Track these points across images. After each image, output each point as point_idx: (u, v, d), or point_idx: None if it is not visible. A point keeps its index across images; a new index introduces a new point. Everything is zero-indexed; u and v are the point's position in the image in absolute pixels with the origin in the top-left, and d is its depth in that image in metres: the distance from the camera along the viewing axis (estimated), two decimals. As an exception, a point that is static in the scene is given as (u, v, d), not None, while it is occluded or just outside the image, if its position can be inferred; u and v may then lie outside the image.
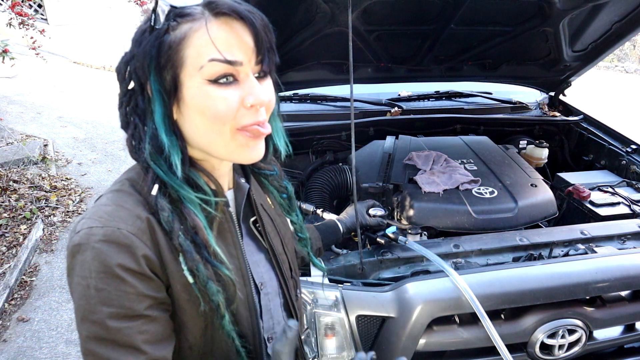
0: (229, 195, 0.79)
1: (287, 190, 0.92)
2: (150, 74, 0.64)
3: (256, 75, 0.67)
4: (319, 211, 1.63)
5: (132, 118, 0.67)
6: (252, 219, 0.84)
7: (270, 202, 0.90)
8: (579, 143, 2.49)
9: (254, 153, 0.69)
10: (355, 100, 2.39)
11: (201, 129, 0.66)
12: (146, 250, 0.63)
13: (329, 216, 1.55)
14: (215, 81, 0.63)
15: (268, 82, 0.69)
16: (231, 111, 0.64)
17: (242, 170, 0.85)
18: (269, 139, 0.78)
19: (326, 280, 1.32)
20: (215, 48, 0.62)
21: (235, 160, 0.70)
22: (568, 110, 2.64)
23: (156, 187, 0.66)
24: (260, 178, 0.89)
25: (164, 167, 0.66)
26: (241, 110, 0.65)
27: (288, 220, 0.94)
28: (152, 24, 0.63)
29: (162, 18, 0.63)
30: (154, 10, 0.63)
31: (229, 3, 0.63)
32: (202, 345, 0.71)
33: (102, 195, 0.70)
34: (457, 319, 1.32)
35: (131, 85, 0.67)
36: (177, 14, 0.62)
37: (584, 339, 1.34)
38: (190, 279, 0.66)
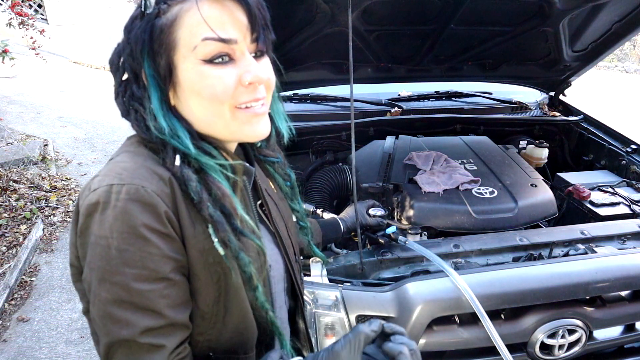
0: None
1: (290, 179, 0.92)
2: (143, 60, 0.63)
3: (253, 54, 0.66)
4: (319, 211, 1.63)
5: (130, 106, 0.67)
6: (258, 203, 0.83)
7: (273, 187, 0.90)
8: (579, 143, 2.49)
9: (259, 129, 0.69)
10: (355, 100, 2.39)
11: (200, 112, 0.65)
12: (168, 209, 0.61)
13: (329, 216, 1.55)
14: (210, 61, 0.62)
15: (266, 61, 0.68)
16: (229, 89, 0.63)
17: (246, 156, 0.84)
18: (271, 123, 0.77)
19: (326, 279, 1.32)
20: (208, 26, 0.60)
21: (240, 139, 0.70)
22: (568, 110, 2.64)
23: (178, 157, 0.64)
24: (265, 165, 0.88)
25: (182, 145, 0.65)
26: (239, 89, 0.64)
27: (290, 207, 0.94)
28: (143, 9, 0.62)
29: (152, 2, 0.62)
30: None
31: None
32: (215, 314, 0.69)
33: (112, 157, 0.67)
34: (457, 319, 1.32)
35: (125, 75, 0.67)
36: None
37: (584, 339, 1.34)
38: (222, 251, 0.64)
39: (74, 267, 0.68)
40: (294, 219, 0.95)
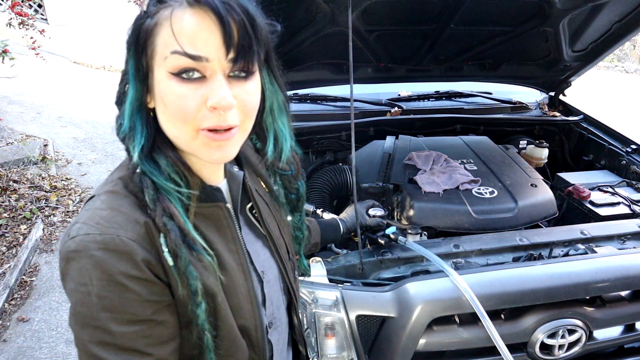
0: (223, 185, 0.77)
1: (297, 192, 0.90)
2: (129, 56, 0.63)
3: (233, 74, 0.62)
4: (319, 211, 1.63)
5: (123, 98, 0.66)
6: (248, 206, 0.82)
7: (264, 186, 0.88)
8: (579, 143, 2.49)
9: (219, 154, 0.65)
10: (355, 100, 2.39)
11: (166, 123, 0.64)
12: (146, 255, 0.61)
13: (328, 216, 1.55)
14: (177, 75, 0.59)
15: (250, 84, 0.64)
16: (190, 110, 0.60)
17: (236, 159, 0.82)
18: (276, 139, 0.76)
19: (326, 280, 1.32)
20: (175, 39, 0.58)
21: (201, 158, 0.67)
22: (568, 110, 2.64)
23: (138, 168, 0.64)
24: (266, 176, 0.87)
25: (132, 143, 0.64)
26: (203, 111, 0.61)
27: (288, 217, 0.93)
28: (144, 7, 0.62)
29: (148, 2, 0.61)
30: None
31: None
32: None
33: (94, 195, 0.67)
34: (457, 319, 1.32)
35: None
36: (158, 0, 0.60)
37: (584, 339, 1.34)
38: (170, 261, 0.62)
39: None
40: (291, 229, 0.94)
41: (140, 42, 0.61)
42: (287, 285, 0.88)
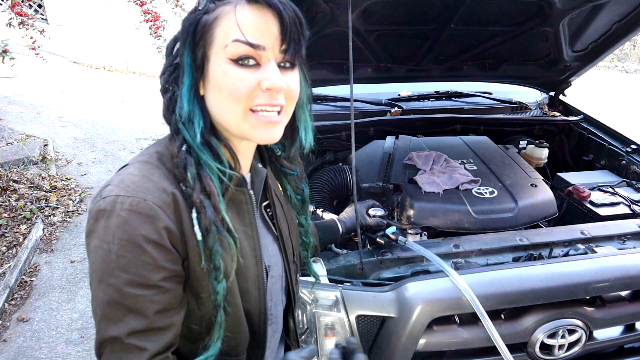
0: (247, 177, 0.82)
1: (302, 193, 0.95)
2: (185, 48, 0.69)
3: (281, 64, 0.70)
4: (319, 211, 1.63)
5: (170, 86, 0.72)
6: (264, 203, 0.87)
7: (280, 189, 0.93)
8: (579, 143, 2.49)
9: (265, 135, 0.72)
10: (355, 100, 2.39)
11: (219, 105, 0.70)
12: (169, 222, 0.66)
13: (328, 216, 1.55)
14: (236, 61, 0.67)
15: (293, 74, 0.72)
16: (245, 90, 0.67)
17: (260, 157, 0.88)
18: (296, 132, 0.82)
19: (326, 280, 1.32)
20: (239, 29, 0.66)
21: (249, 138, 0.73)
22: (568, 110, 2.64)
23: (185, 146, 0.70)
24: (280, 175, 0.92)
25: (190, 132, 0.70)
26: (257, 92, 0.68)
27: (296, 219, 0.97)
28: (197, 5, 0.70)
29: (204, 0, 0.70)
30: None
31: None
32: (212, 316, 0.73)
33: (128, 163, 0.72)
34: (457, 319, 1.32)
35: (177, 60, 0.72)
36: None
37: (584, 339, 1.34)
38: (199, 237, 0.67)
39: None
40: (299, 233, 0.98)
41: (197, 35, 0.68)
42: (288, 286, 0.91)
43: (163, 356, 0.67)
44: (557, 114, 2.60)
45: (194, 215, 0.68)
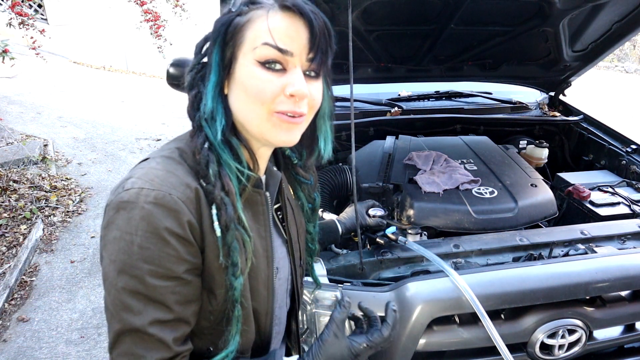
0: (263, 180, 0.83)
1: (314, 202, 0.97)
2: (215, 46, 0.71)
3: (307, 72, 0.71)
4: (319, 211, 1.63)
5: (196, 83, 0.74)
6: (276, 206, 0.88)
7: (292, 193, 0.95)
8: (579, 143, 2.49)
9: (286, 137, 0.73)
10: (355, 100, 2.39)
11: (242, 105, 0.71)
12: (191, 217, 0.67)
13: (328, 216, 1.55)
14: (263, 63, 0.68)
15: (317, 83, 0.74)
16: (270, 93, 0.69)
17: (275, 162, 0.89)
18: (315, 143, 0.83)
19: (326, 280, 1.32)
20: (270, 34, 0.67)
21: (268, 140, 0.74)
22: (568, 110, 2.64)
23: (207, 144, 0.71)
24: (294, 183, 0.93)
25: (212, 130, 0.71)
26: (281, 97, 0.70)
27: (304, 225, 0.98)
28: (231, 7, 0.72)
29: (237, 3, 0.72)
30: None
31: (297, 0, 0.69)
32: (222, 312, 0.75)
33: (149, 157, 0.73)
34: (457, 319, 1.32)
35: (205, 59, 0.74)
36: (251, 2, 0.71)
37: (584, 339, 1.34)
38: (219, 232, 0.69)
39: None
40: (305, 240, 1.00)
41: (228, 35, 0.70)
42: (294, 289, 0.93)
43: (184, 348, 0.69)
44: (557, 114, 2.60)
45: (214, 211, 0.69)
